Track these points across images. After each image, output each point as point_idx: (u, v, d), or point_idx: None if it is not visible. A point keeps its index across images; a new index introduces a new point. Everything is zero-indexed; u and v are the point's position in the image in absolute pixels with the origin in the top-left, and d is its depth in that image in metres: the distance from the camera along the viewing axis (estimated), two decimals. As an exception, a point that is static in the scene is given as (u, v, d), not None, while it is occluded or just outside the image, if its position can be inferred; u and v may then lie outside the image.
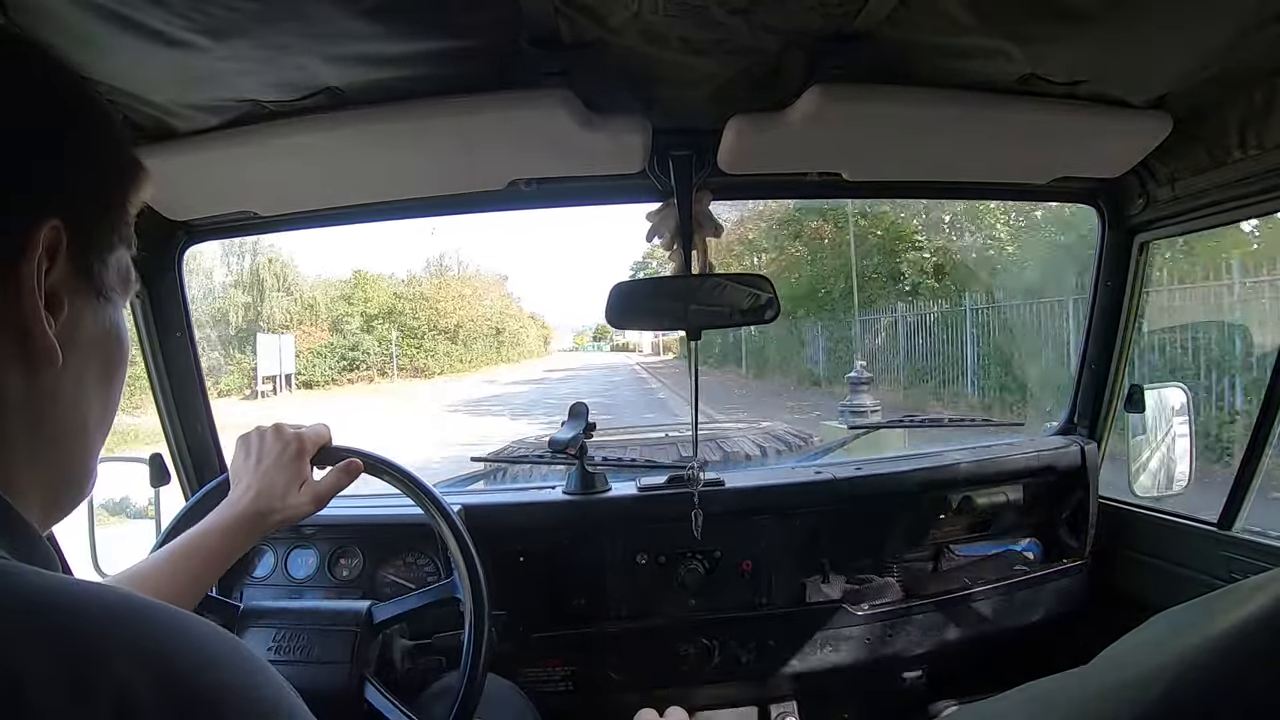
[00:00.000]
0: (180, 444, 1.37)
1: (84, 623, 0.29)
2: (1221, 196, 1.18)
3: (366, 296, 28.38)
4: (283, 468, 0.91)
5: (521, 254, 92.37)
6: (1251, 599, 0.29)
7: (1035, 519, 1.56)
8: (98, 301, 0.42)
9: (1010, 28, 0.85)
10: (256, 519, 0.88)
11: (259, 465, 0.91)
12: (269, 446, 0.92)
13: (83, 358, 0.41)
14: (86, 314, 0.41)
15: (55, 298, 0.38)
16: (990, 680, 0.83)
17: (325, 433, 0.97)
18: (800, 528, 1.41)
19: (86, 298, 0.41)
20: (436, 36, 0.83)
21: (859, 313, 13.41)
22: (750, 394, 15.54)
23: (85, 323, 0.41)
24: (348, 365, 26.36)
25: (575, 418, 1.40)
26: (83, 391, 0.42)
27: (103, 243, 0.42)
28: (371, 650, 0.99)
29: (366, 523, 1.34)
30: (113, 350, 0.44)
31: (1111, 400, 1.54)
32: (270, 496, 0.89)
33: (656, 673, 1.36)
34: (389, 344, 27.74)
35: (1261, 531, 1.25)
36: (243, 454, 0.93)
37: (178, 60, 0.79)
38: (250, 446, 0.93)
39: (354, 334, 27.03)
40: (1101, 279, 1.49)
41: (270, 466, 0.91)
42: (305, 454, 0.93)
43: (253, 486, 0.89)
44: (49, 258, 0.37)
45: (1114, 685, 0.32)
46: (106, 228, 0.43)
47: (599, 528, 1.35)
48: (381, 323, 27.94)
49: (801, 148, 1.13)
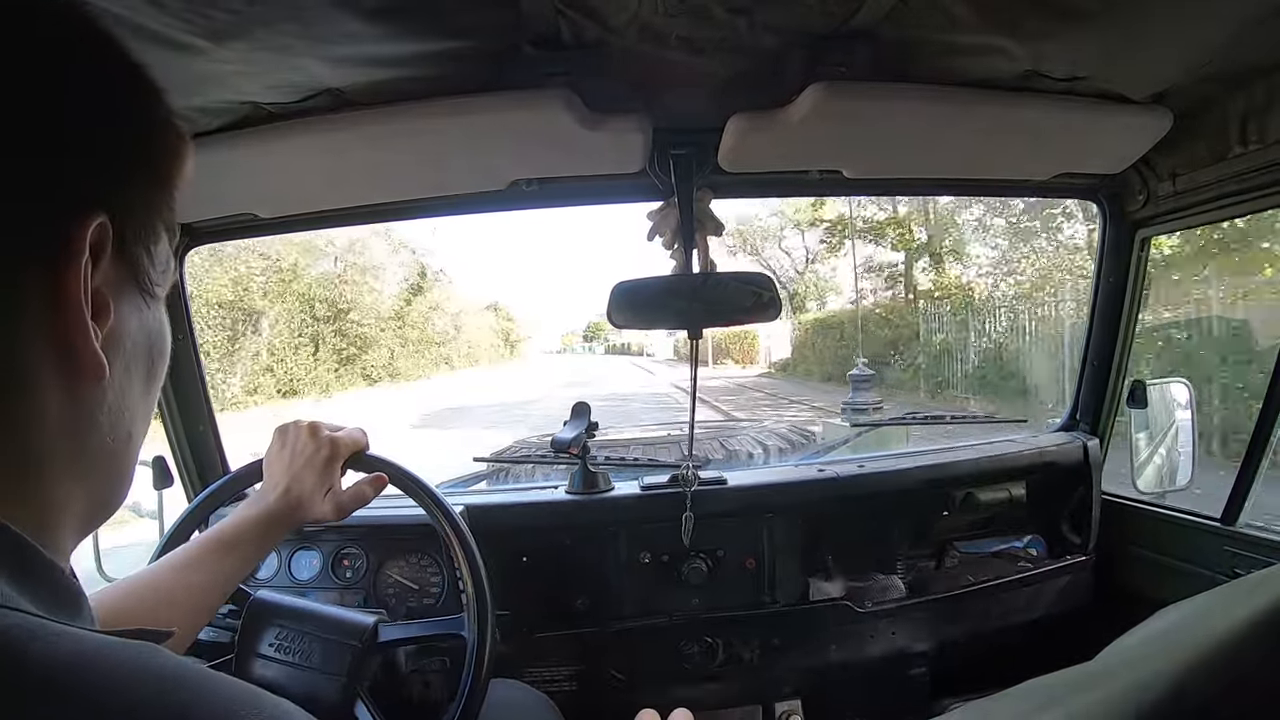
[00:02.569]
0: (183, 446, 1.37)
1: (110, 696, 0.26)
2: (1222, 191, 1.18)
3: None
4: (314, 470, 0.90)
5: (497, 245, 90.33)
6: (1257, 595, 0.29)
7: (1038, 515, 1.56)
8: (143, 300, 0.38)
9: (1010, 24, 0.85)
10: (284, 517, 0.88)
11: (291, 462, 0.90)
12: (303, 444, 0.91)
13: (127, 365, 0.37)
14: (132, 316, 0.37)
15: (100, 302, 0.34)
16: (994, 677, 0.83)
17: (362, 439, 0.96)
18: (803, 526, 1.41)
19: (132, 297, 0.37)
20: (437, 37, 0.83)
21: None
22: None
23: (131, 325, 0.37)
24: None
25: (578, 417, 1.41)
26: (127, 401, 0.38)
27: (150, 233, 0.38)
28: (369, 667, 0.97)
29: (370, 523, 1.34)
30: (158, 351, 0.40)
31: (1114, 396, 1.54)
32: (298, 496, 0.89)
33: (660, 672, 1.36)
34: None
35: (1265, 526, 1.25)
36: (278, 446, 0.92)
37: (178, 63, 0.79)
38: (286, 440, 0.92)
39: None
40: (1103, 275, 1.49)
41: (302, 466, 0.90)
42: (338, 459, 0.93)
43: (283, 482, 0.89)
44: (94, 258, 0.33)
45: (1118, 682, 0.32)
46: (154, 216, 0.38)
47: (602, 527, 1.35)
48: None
49: (802, 146, 1.13)
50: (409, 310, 25.05)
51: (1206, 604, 0.35)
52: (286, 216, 1.32)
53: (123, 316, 0.36)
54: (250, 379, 17.71)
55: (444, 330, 28.67)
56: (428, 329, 26.62)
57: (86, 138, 0.34)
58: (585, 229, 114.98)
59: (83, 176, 0.33)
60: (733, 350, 27.57)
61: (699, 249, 1.20)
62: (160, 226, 0.39)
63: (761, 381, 20.58)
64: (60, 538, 0.35)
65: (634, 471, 1.54)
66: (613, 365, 37.38)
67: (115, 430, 0.37)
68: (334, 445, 0.92)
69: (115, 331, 0.35)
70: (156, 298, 0.39)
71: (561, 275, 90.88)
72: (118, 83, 0.36)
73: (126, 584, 0.78)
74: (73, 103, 0.33)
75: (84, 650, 0.27)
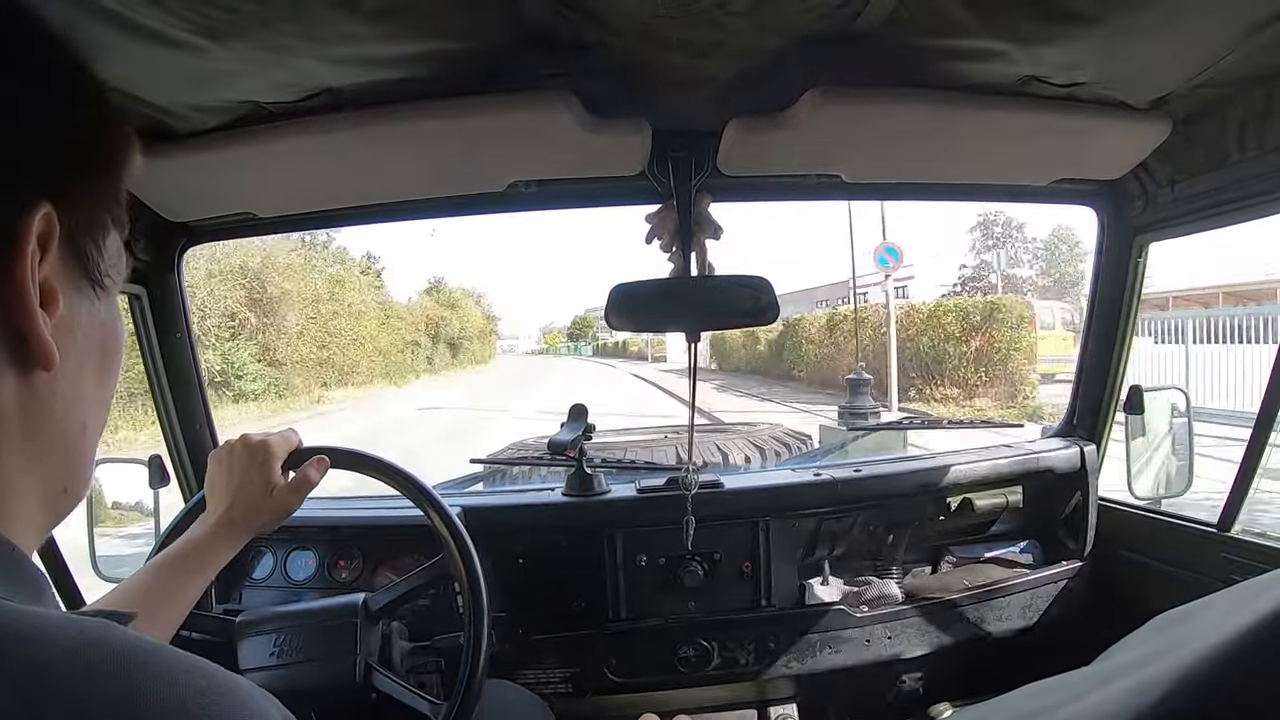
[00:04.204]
0: (180, 446, 1.37)
1: (61, 662, 0.26)
2: (1221, 198, 1.18)
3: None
4: (257, 473, 0.93)
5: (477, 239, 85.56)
6: (1252, 602, 0.29)
7: (1034, 521, 1.56)
8: (94, 292, 0.39)
9: (1010, 30, 0.86)
10: (233, 527, 0.90)
11: (231, 476, 0.93)
12: (239, 456, 0.94)
13: (80, 354, 0.38)
14: (82, 306, 0.38)
15: (49, 291, 0.35)
16: (989, 682, 0.83)
17: (293, 438, 0.99)
18: (799, 529, 1.41)
19: (82, 288, 0.38)
20: (436, 38, 0.83)
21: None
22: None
23: (81, 316, 0.38)
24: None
25: (575, 419, 1.40)
26: (80, 390, 0.39)
27: (97, 226, 0.39)
28: (373, 639, 1.00)
29: (365, 524, 1.34)
30: (110, 343, 0.41)
31: (1111, 402, 1.54)
32: (245, 505, 0.91)
33: (656, 674, 1.36)
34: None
35: (1261, 533, 1.25)
36: (215, 467, 0.95)
37: (177, 61, 0.79)
38: (222, 461, 0.94)
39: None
40: (1101, 281, 1.50)
41: (242, 476, 0.92)
42: (274, 459, 0.94)
43: (227, 498, 0.91)
44: (42, 248, 0.34)
45: (1114, 688, 0.32)
46: (101, 209, 0.39)
47: (598, 529, 1.35)
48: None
49: (801, 150, 1.13)
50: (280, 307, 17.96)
51: (1204, 610, 0.35)
52: (284, 216, 1.32)
53: (73, 307, 0.37)
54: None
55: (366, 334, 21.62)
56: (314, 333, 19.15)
57: (27, 131, 0.34)
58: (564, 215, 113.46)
59: (25, 168, 0.34)
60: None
61: (697, 252, 1.20)
62: (108, 220, 0.40)
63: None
64: (19, 527, 0.36)
65: (630, 474, 1.54)
66: (600, 380, 24.10)
67: (69, 419, 0.38)
68: (268, 447, 0.94)
69: (65, 322, 0.36)
70: (107, 290, 0.40)
71: (538, 258, 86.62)
72: (58, 79, 0.37)
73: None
74: (10, 96, 0.33)
75: (39, 624, 0.27)
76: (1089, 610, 1.50)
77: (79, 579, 1.21)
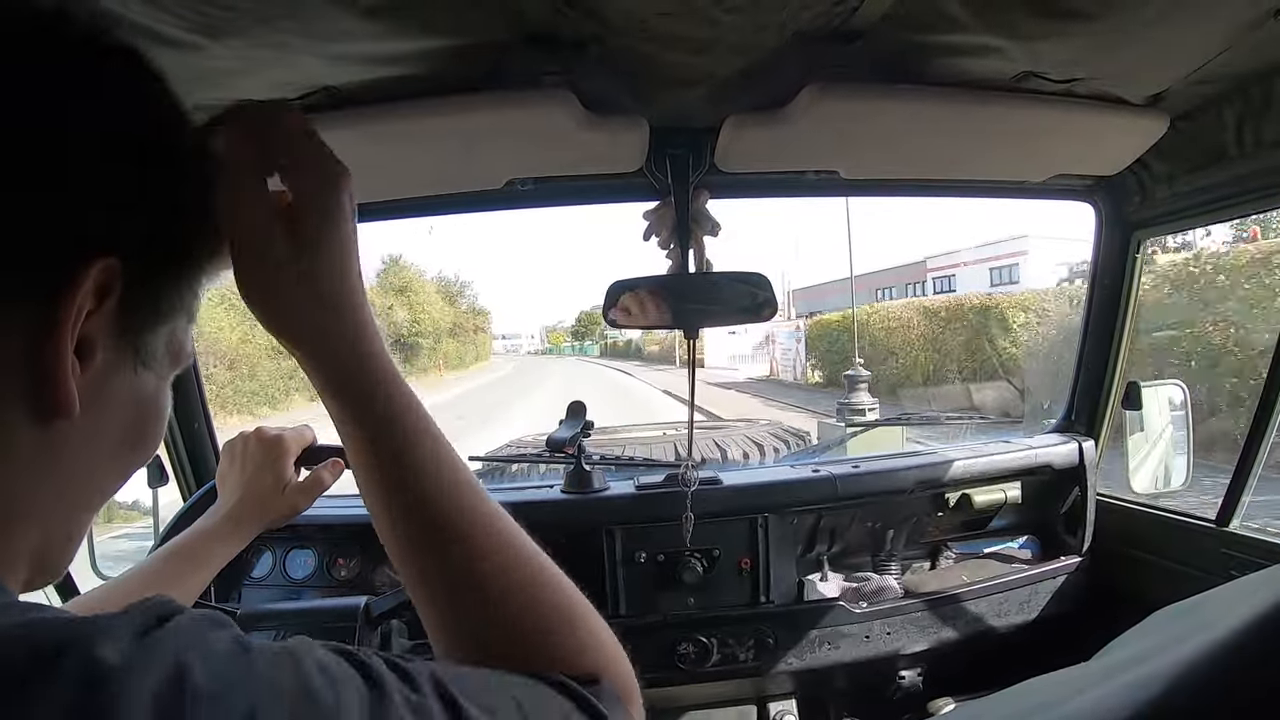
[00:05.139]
0: (178, 445, 1.37)
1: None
2: (1218, 194, 1.19)
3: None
4: (269, 470, 0.92)
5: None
6: (1250, 597, 0.29)
7: (1033, 516, 1.56)
8: (135, 367, 0.37)
9: (1008, 26, 0.85)
10: (242, 523, 0.90)
11: (244, 470, 0.92)
12: (253, 450, 0.93)
13: (101, 417, 0.36)
14: (117, 375, 0.36)
15: (88, 344, 0.33)
16: (989, 678, 0.83)
17: (308, 435, 0.98)
18: (798, 526, 1.41)
19: (124, 358, 0.36)
20: (434, 35, 0.83)
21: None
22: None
23: (113, 383, 0.36)
24: None
25: (573, 416, 1.40)
26: (94, 452, 0.37)
27: (161, 303, 0.37)
28: (372, 644, 1.00)
29: (365, 522, 1.33)
30: (139, 422, 0.39)
31: (1109, 397, 1.54)
32: (256, 500, 0.90)
33: (655, 671, 1.35)
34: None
35: (1260, 528, 1.26)
36: (228, 460, 0.94)
37: (173, 60, 0.78)
38: (235, 453, 0.94)
39: None
40: (1099, 277, 1.50)
41: (254, 471, 0.92)
42: (288, 456, 0.94)
43: (238, 491, 0.91)
44: (96, 299, 0.33)
45: (1114, 683, 0.32)
46: (170, 287, 0.37)
47: (597, 526, 1.35)
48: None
49: (799, 146, 1.13)
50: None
51: (1203, 605, 0.35)
52: (282, 214, 1.31)
53: (109, 368, 0.36)
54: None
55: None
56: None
57: (133, 178, 0.34)
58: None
59: (102, 216, 0.33)
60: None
61: (695, 248, 1.20)
62: (176, 301, 0.38)
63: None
64: (7, 568, 0.34)
65: (629, 471, 1.54)
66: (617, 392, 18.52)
67: (76, 477, 0.36)
68: (282, 443, 0.94)
69: (97, 380, 0.35)
70: (153, 371, 0.39)
71: (537, 249, 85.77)
72: (183, 147, 0.36)
73: (85, 599, 0.80)
74: (83, 141, 0.33)
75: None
76: (1088, 605, 1.50)
77: (79, 580, 1.21)
